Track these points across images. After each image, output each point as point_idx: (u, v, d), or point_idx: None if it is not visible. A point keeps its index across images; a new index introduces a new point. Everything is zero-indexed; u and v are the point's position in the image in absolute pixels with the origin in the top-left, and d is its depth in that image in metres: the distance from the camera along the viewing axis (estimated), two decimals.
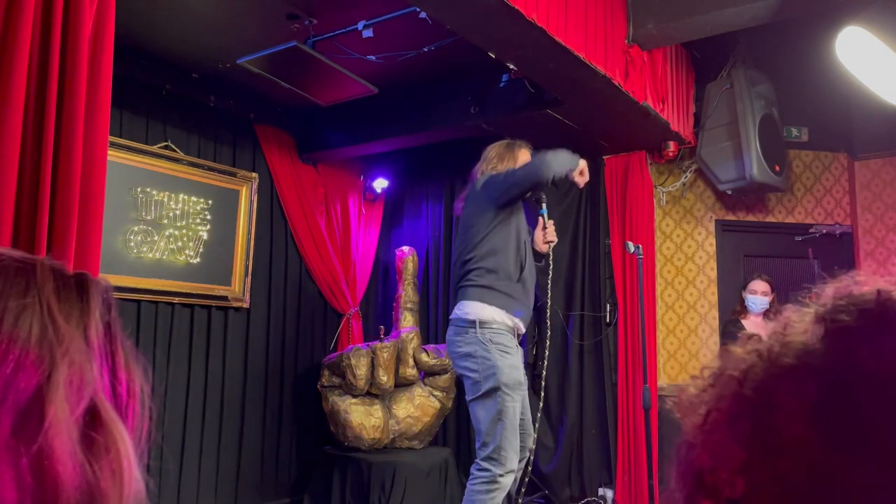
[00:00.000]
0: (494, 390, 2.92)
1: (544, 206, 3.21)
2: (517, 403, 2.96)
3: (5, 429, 0.44)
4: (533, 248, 3.25)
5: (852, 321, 0.45)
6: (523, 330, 3.16)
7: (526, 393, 3.14)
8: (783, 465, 0.42)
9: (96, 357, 0.53)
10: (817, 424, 0.42)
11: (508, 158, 3.20)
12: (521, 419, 3.04)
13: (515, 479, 3.09)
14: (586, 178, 3.16)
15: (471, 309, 3.02)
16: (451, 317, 3.13)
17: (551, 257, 3.22)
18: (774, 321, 0.50)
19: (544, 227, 3.24)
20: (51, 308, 0.51)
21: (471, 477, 2.96)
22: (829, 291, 0.49)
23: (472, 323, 2.99)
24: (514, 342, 3.05)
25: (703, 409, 0.48)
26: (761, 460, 0.43)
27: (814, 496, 0.41)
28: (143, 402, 0.57)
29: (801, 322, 0.48)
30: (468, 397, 3.05)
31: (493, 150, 3.28)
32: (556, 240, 3.25)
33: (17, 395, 0.45)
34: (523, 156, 3.23)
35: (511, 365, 2.95)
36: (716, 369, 0.49)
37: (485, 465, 2.91)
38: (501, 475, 2.88)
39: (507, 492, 2.95)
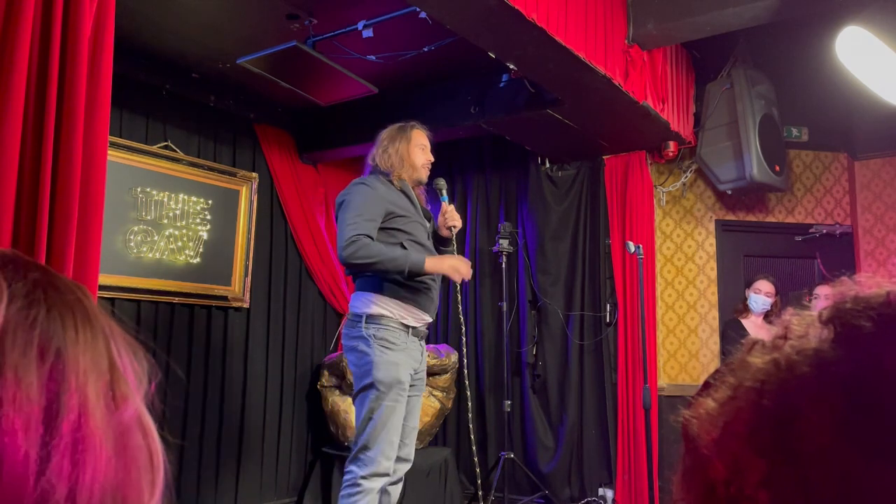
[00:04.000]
0: (369, 387, 2.79)
1: (444, 192, 3.17)
2: (394, 404, 2.78)
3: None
4: (437, 235, 3.15)
5: (870, 326, 0.44)
6: (425, 321, 2.97)
7: (415, 399, 2.98)
8: (808, 474, 0.41)
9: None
10: (845, 433, 0.41)
11: (401, 140, 3.06)
12: (403, 425, 2.89)
13: (387, 493, 2.91)
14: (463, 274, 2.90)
15: (360, 301, 2.91)
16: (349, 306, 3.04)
17: (454, 241, 3.10)
18: (776, 324, 0.50)
19: (445, 213, 3.13)
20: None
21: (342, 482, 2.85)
22: (831, 293, 0.48)
23: (361, 317, 2.86)
24: (403, 339, 2.85)
25: (721, 421, 0.47)
26: (787, 472, 0.42)
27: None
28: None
29: (802, 326, 0.47)
30: (352, 395, 2.95)
31: (384, 134, 3.12)
32: (458, 224, 3.11)
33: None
34: (417, 136, 3.10)
35: (390, 361, 2.78)
36: (734, 381, 0.48)
37: (349, 466, 2.79)
38: (364, 477, 2.73)
39: (374, 496, 2.76)
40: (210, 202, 4.53)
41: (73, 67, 1.89)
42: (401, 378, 2.81)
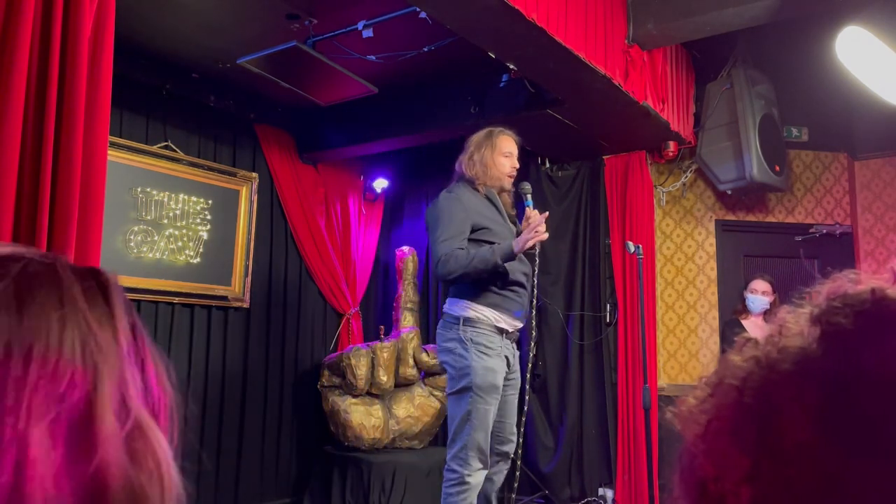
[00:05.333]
0: (466, 390, 2.92)
1: (529, 197, 3.14)
2: (489, 406, 2.92)
3: (59, 447, 0.44)
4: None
5: (849, 323, 0.44)
6: (516, 326, 3.08)
7: (511, 398, 3.11)
8: (790, 471, 0.42)
9: (128, 363, 0.52)
10: (822, 430, 0.41)
11: (486, 146, 3.12)
12: (499, 422, 3.05)
13: (492, 481, 3.10)
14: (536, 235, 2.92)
15: (457, 305, 3.03)
16: (443, 309, 3.14)
17: (537, 248, 3.04)
18: (771, 323, 0.50)
19: (528, 218, 3.14)
20: (86, 317, 0.50)
21: (444, 479, 2.98)
22: (822, 292, 0.48)
23: (457, 319, 2.99)
24: (497, 343, 2.98)
25: (704, 418, 0.47)
26: (767, 468, 0.42)
27: (823, 502, 0.41)
28: (172, 403, 0.56)
29: (796, 324, 0.47)
30: (446, 391, 3.08)
31: (472, 140, 3.17)
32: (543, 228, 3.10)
33: (71, 413, 0.45)
34: (503, 143, 3.13)
35: (487, 367, 2.91)
36: (714, 378, 0.49)
37: (452, 465, 2.94)
38: (469, 475, 2.90)
39: (478, 491, 2.96)
40: (210, 202, 4.53)
41: (73, 67, 1.89)
42: (497, 383, 2.94)
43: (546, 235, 2.94)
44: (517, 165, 3.16)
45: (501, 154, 3.11)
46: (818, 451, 0.41)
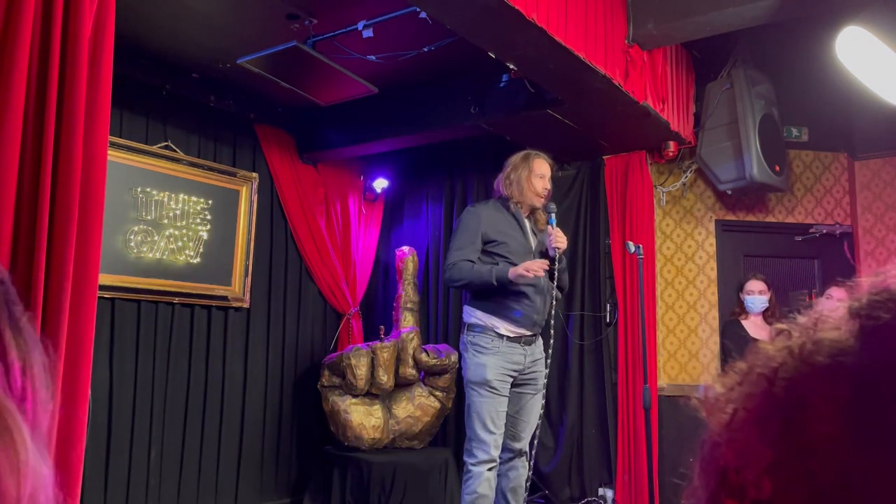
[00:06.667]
0: (467, 386, 3.28)
1: (553, 216, 3.34)
2: (483, 399, 3.18)
3: None
4: (548, 255, 3.37)
5: (891, 318, 0.42)
6: (517, 332, 3.26)
7: (527, 396, 3.33)
8: (813, 466, 0.41)
9: None
10: (850, 426, 0.40)
11: (523, 168, 3.35)
12: (513, 418, 3.29)
13: (508, 477, 3.32)
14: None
15: (465, 313, 3.36)
16: None
17: (556, 261, 3.28)
18: (806, 317, 0.48)
19: (550, 235, 3.36)
20: None
21: None
22: (864, 285, 0.46)
23: (465, 325, 3.34)
24: (494, 344, 3.22)
25: (730, 407, 0.46)
26: (790, 461, 0.42)
27: (844, 499, 0.40)
28: (43, 383, 0.52)
29: (834, 317, 0.46)
30: None
31: (510, 160, 3.41)
32: (562, 245, 3.28)
33: None
34: (538, 165, 3.35)
35: (478, 363, 3.20)
36: (744, 366, 0.48)
37: (464, 456, 3.26)
38: (473, 464, 3.18)
39: (484, 481, 3.16)
40: (210, 202, 4.53)
41: (73, 68, 1.89)
42: (487, 377, 3.18)
43: (540, 272, 3.12)
44: (549, 187, 3.38)
45: (536, 175, 3.34)
46: (842, 447, 0.40)
